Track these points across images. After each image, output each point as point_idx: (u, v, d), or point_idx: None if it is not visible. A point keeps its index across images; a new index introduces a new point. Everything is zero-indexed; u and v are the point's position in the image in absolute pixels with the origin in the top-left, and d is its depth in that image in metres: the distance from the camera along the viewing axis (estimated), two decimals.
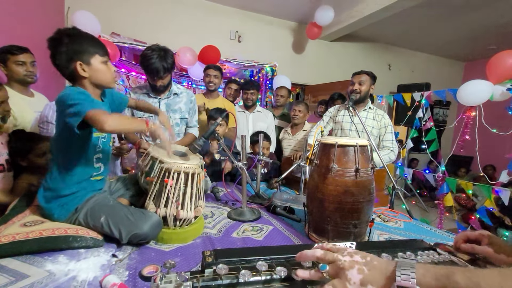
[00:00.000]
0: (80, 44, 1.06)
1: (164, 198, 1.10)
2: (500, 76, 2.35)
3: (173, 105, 1.90)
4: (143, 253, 0.99)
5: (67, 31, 1.06)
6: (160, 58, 1.66)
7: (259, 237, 1.20)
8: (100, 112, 0.94)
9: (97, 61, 1.10)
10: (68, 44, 1.04)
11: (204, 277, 0.57)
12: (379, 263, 0.51)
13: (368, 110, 2.16)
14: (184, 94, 1.96)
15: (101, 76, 1.11)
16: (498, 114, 2.32)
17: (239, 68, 3.94)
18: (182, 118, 1.96)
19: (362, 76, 2.08)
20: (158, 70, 1.67)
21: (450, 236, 1.31)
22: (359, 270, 0.50)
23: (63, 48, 1.03)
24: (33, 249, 0.90)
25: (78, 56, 1.05)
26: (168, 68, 1.71)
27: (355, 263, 0.51)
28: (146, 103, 1.53)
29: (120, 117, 1.03)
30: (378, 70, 5.30)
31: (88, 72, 1.08)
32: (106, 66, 1.13)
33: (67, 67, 1.06)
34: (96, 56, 1.09)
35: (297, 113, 2.61)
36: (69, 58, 1.04)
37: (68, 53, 1.04)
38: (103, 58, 1.11)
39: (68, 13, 3.21)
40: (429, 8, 3.67)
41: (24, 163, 1.49)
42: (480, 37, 4.69)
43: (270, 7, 4.05)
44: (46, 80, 2.72)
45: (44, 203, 1.09)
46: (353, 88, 2.09)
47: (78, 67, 1.06)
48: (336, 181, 1.08)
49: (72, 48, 1.04)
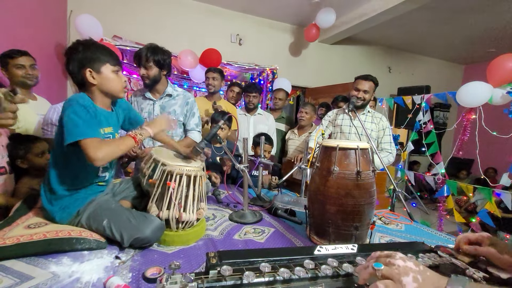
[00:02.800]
0: (92, 52, 1.10)
1: (166, 201, 1.10)
2: (500, 79, 2.36)
3: (167, 108, 1.87)
4: (146, 255, 1.00)
5: (83, 41, 1.11)
6: (148, 48, 1.72)
7: (261, 239, 1.20)
8: (93, 144, 0.97)
9: (108, 70, 1.12)
10: (82, 52, 1.08)
11: (209, 278, 0.58)
12: (431, 274, 0.52)
13: (367, 114, 2.18)
14: (181, 96, 1.91)
15: (110, 85, 1.14)
16: (498, 117, 2.34)
17: (240, 71, 3.96)
18: (177, 121, 1.92)
19: (367, 84, 2.07)
20: (141, 55, 1.71)
21: (450, 239, 1.31)
22: (414, 278, 0.50)
23: (77, 55, 1.08)
24: (37, 251, 0.91)
25: (89, 64, 1.09)
26: (155, 60, 1.73)
27: (410, 270, 0.51)
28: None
29: (110, 145, 1.02)
30: (378, 73, 5.32)
31: (97, 79, 1.11)
32: (117, 75, 1.15)
33: (78, 74, 1.09)
34: (107, 65, 1.12)
35: (303, 115, 2.64)
36: (80, 65, 1.08)
37: (80, 60, 1.08)
38: (114, 67, 1.14)
39: (71, 17, 3.24)
40: (429, 11, 3.69)
41: (24, 164, 1.50)
42: (480, 40, 4.71)
43: (270, 10, 4.08)
44: (48, 83, 2.74)
45: (46, 205, 1.10)
46: (357, 95, 2.09)
47: (88, 74, 1.09)
48: (337, 183, 1.08)
49: (84, 55, 1.08)
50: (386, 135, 2.15)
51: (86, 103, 1.06)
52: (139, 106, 1.90)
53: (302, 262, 0.66)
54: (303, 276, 0.63)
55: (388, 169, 1.78)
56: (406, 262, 0.53)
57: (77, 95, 1.08)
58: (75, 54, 1.08)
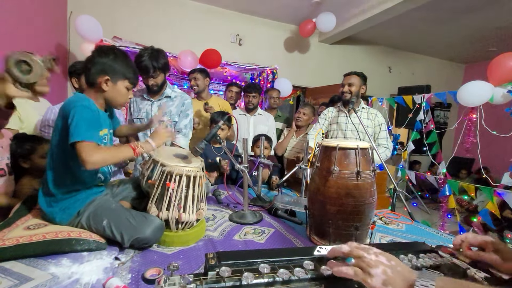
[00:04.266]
0: (120, 65, 1.13)
1: (166, 201, 1.10)
2: (501, 78, 2.35)
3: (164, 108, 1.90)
4: (145, 256, 1.00)
5: (117, 50, 1.15)
6: (150, 56, 1.70)
7: (261, 239, 1.20)
8: (89, 147, 0.97)
9: (123, 85, 1.16)
10: (111, 60, 1.11)
11: (207, 279, 0.58)
12: (402, 269, 0.54)
13: (362, 110, 2.19)
14: (178, 97, 1.93)
15: (118, 98, 1.18)
16: (499, 116, 2.33)
17: (239, 71, 3.96)
18: (172, 122, 1.93)
19: (351, 78, 2.11)
20: (148, 68, 1.71)
21: (451, 239, 1.31)
22: (383, 271, 0.53)
23: (104, 59, 1.10)
24: (36, 252, 0.91)
25: (111, 73, 1.11)
26: (160, 67, 1.74)
27: (380, 263, 0.54)
28: (132, 127, 1.58)
29: (105, 152, 1.02)
30: (378, 73, 5.36)
31: (109, 88, 1.13)
32: (128, 92, 1.19)
33: (95, 76, 1.11)
34: (125, 81, 1.16)
35: (301, 116, 2.62)
36: (102, 70, 1.10)
37: (105, 65, 1.10)
38: (130, 85, 1.18)
39: (71, 18, 3.24)
40: (429, 10, 3.69)
41: (27, 165, 1.50)
42: (480, 39, 4.70)
43: (270, 10, 4.08)
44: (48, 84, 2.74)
45: (45, 207, 1.09)
46: (343, 89, 2.14)
47: (104, 81, 1.11)
48: (337, 183, 1.08)
49: (111, 64, 1.11)
50: (383, 130, 2.18)
51: (92, 106, 1.07)
52: (137, 105, 1.91)
53: (302, 263, 0.66)
54: (303, 277, 0.63)
55: (388, 168, 1.78)
56: (378, 257, 0.56)
57: (80, 96, 1.08)
58: (104, 57, 1.11)
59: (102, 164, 1.03)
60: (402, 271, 0.53)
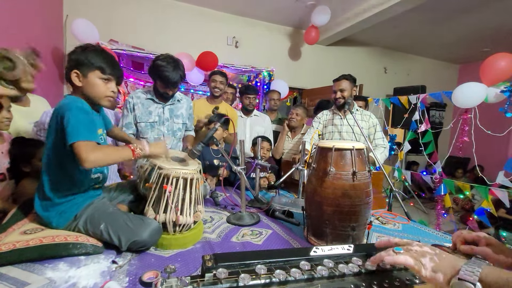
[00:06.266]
0: (85, 57, 1.10)
1: (163, 204, 1.10)
2: (493, 78, 2.38)
3: (175, 111, 1.97)
4: (143, 259, 1.00)
5: (84, 45, 1.14)
6: (175, 69, 1.74)
7: (259, 241, 1.20)
8: (88, 146, 0.96)
9: (95, 76, 1.11)
10: (76, 54, 1.10)
11: (204, 281, 0.58)
12: (447, 256, 0.58)
13: (356, 112, 2.20)
14: (184, 100, 2.04)
15: (94, 92, 1.12)
16: (493, 115, 2.35)
17: (236, 73, 3.97)
18: (184, 123, 2.03)
19: (342, 83, 2.12)
20: (176, 81, 1.77)
21: (448, 238, 1.32)
22: (431, 259, 0.57)
23: (73, 56, 1.11)
24: (33, 256, 0.91)
25: (78, 66, 1.10)
26: (183, 78, 1.83)
27: (427, 253, 0.58)
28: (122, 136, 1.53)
29: (105, 151, 1.03)
30: (374, 73, 5.40)
31: (82, 83, 1.11)
32: (104, 83, 1.13)
33: (68, 75, 1.11)
34: (96, 71, 1.11)
35: (294, 116, 2.63)
36: (71, 66, 1.10)
37: (72, 61, 1.10)
38: (104, 75, 1.12)
39: (67, 21, 3.24)
40: (424, 12, 3.73)
41: (27, 168, 1.49)
42: (474, 40, 4.76)
43: (266, 13, 4.10)
44: (45, 87, 2.73)
45: (42, 212, 1.09)
46: (335, 96, 2.15)
47: (74, 75, 1.10)
48: (333, 184, 1.09)
49: (77, 57, 1.10)
50: (378, 131, 2.20)
51: (85, 106, 1.07)
52: (145, 108, 1.88)
53: (298, 264, 0.67)
54: (299, 277, 0.63)
55: (385, 168, 1.79)
56: (423, 248, 0.60)
57: (73, 98, 1.09)
58: (73, 54, 1.11)
59: (101, 163, 1.03)
60: (447, 258, 0.57)
